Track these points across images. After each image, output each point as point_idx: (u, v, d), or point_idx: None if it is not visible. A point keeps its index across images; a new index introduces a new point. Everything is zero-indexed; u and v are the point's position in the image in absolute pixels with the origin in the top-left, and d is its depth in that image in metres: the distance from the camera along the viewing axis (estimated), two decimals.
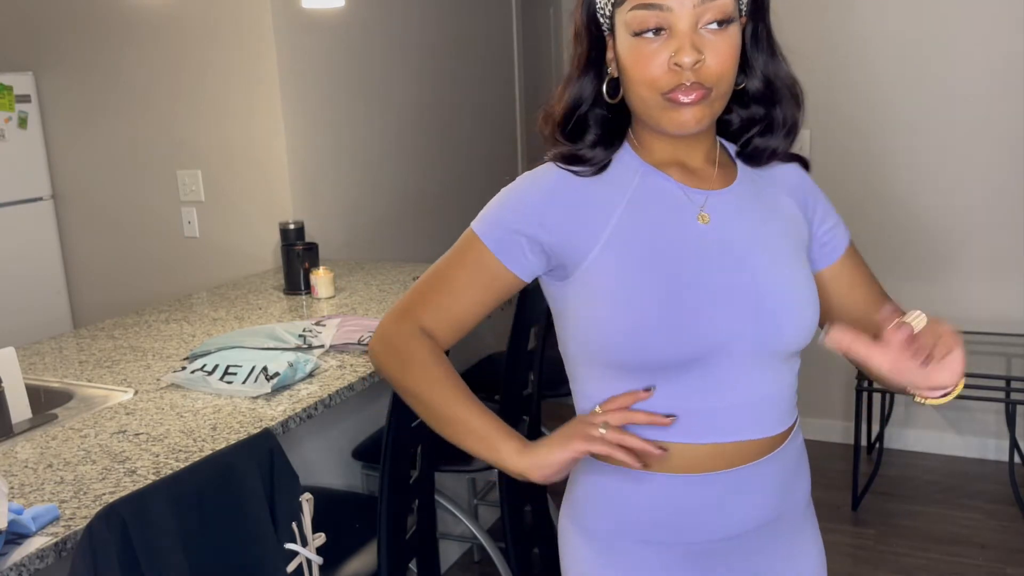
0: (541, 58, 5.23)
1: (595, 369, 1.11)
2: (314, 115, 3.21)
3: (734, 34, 1.01)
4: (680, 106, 1.00)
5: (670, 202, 1.08)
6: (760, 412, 1.10)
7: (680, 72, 0.99)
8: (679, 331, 1.03)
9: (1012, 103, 3.23)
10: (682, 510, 1.09)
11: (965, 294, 3.42)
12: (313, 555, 1.45)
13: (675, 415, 1.07)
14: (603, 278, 1.06)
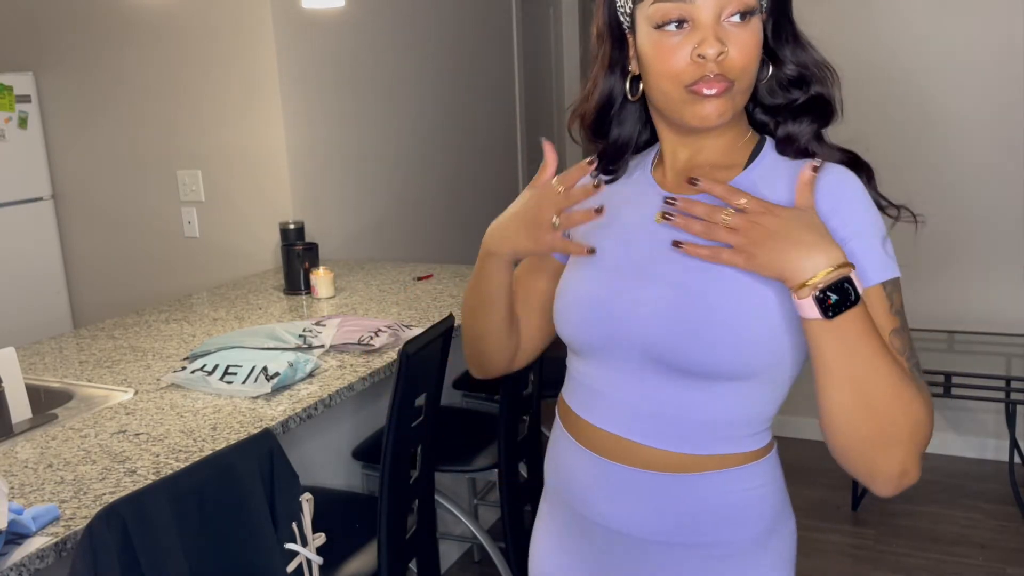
0: (541, 58, 5.23)
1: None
2: (314, 115, 3.21)
3: (756, 27, 1.00)
4: (703, 99, 0.99)
5: (642, 199, 1.10)
6: (661, 422, 1.04)
7: (704, 64, 0.97)
8: (590, 319, 1.07)
9: (1012, 104, 3.23)
10: (581, 482, 1.12)
11: (965, 294, 3.42)
12: (313, 555, 1.45)
13: (593, 248, 1.09)
14: (573, 259, 1.14)
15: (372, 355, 2.09)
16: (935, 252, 3.43)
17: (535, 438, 2.43)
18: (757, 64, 1.01)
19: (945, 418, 3.54)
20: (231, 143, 3.16)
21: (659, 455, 1.05)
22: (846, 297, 0.90)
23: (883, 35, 3.35)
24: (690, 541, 1.06)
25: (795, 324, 0.99)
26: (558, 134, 5.56)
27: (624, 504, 1.07)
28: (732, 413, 1.03)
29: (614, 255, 1.08)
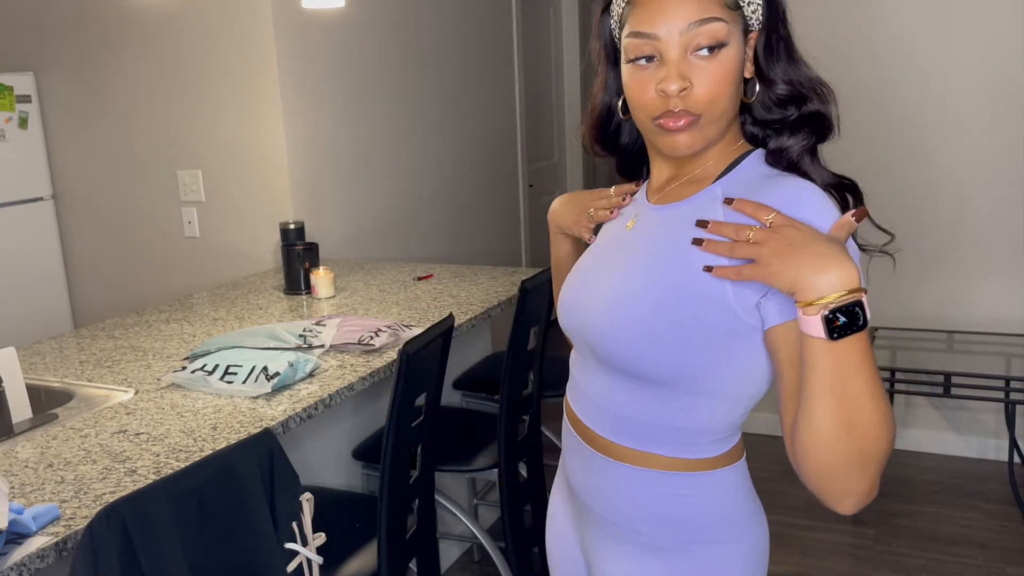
0: (541, 58, 5.23)
1: None
2: (314, 115, 3.21)
3: (727, 58, 1.00)
4: (669, 132, 1.03)
5: (629, 209, 1.19)
6: (595, 407, 1.14)
7: (667, 98, 1.01)
8: (563, 309, 1.19)
9: (1013, 104, 3.24)
10: (566, 449, 1.24)
11: (965, 294, 3.42)
12: (313, 555, 1.46)
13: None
14: None
15: (372, 355, 2.09)
16: (935, 252, 3.44)
17: (535, 438, 2.44)
18: (728, 94, 1.02)
19: (945, 418, 3.54)
20: (231, 143, 3.16)
21: (602, 439, 1.13)
22: (854, 321, 0.88)
23: (882, 34, 3.35)
24: (630, 527, 1.13)
25: (742, 344, 1.00)
26: (558, 134, 5.56)
27: (592, 483, 1.17)
28: (648, 407, 1.07)
29: (594, 253, 1.19)
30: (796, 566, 2.78)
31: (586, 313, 1.11)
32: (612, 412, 1.11)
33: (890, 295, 3.52)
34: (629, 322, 1.04)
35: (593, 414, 1.14)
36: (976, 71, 3.27)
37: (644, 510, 1.11)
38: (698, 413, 1.05)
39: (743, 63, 1.04)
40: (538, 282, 2.29)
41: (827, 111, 1.05)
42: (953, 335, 3.42)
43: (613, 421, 1.11)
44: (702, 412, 1.05)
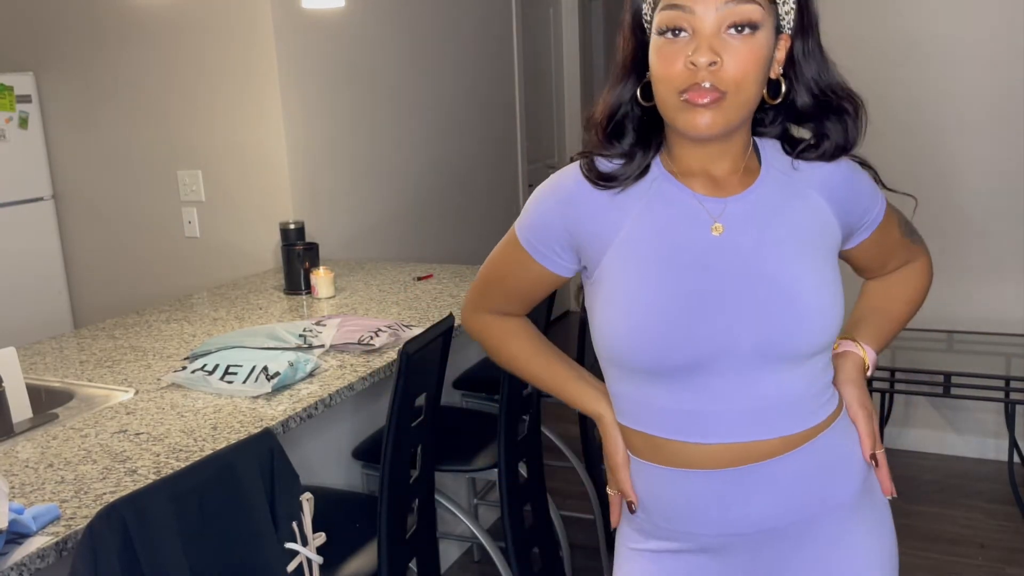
0: (541, 58, 5.23)
1: (611, 369, 1.16)
2: (314, 115, 3.22)
3: (759, 41, 1.02)
4: (694, 108, 1.01)
5: (683, 210, 1.10)
6: (767, 415, 1.09)
7: (696, 71, 1.00)
8: (676, 338, 1.07)
9: (1013, 103, 3.24)
10: (690, 502, 1.12)
11: (965, 294, 3.42)
12: (313, 555, 1.46)
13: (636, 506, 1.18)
14: (612, 282, 1.10)
15: (372, 355, 2.09)
16: (935, 252, 3.42)
17: (535, 438, 2.44)
18: (757, 79, 1.03)
19: (945, 418, 3.54)
20: (231, 143, 3.16)
21: (769, 445, 1.10)
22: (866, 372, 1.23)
23: (883, 34, 3.35)
24: (816, 509, 1.14)
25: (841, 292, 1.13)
26: (558, 134, 5.56)
27: (765, 496, 1.11)
28: (817, 384, 1.13)
29: (685, 272, 1.08)
30: None
31: (748, 326, 1.06)
32: (784, 407, 1.10)
33: None
34: (830, 301, 1.09)
35: (761, 423, 1.10)
36: (977, 71, 3.27)
37: (826, 476, 1.14)
38: (828, 364, 1.17)
39: (772, 55, 1.05)
40: None
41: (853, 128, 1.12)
42: (953, 335, 3.42)
43: (788, 413, 1.11)
44: (829, 362, 1.18)
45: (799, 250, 1.09)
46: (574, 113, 5.59)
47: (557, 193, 1.15)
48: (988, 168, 3.31)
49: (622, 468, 1.17)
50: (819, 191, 1.13)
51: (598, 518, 2.74)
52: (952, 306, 3.44)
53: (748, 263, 1.08)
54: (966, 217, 3.37)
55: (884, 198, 1.21)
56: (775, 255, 1.08)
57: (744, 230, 1.09)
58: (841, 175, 1.14)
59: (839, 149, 1.12)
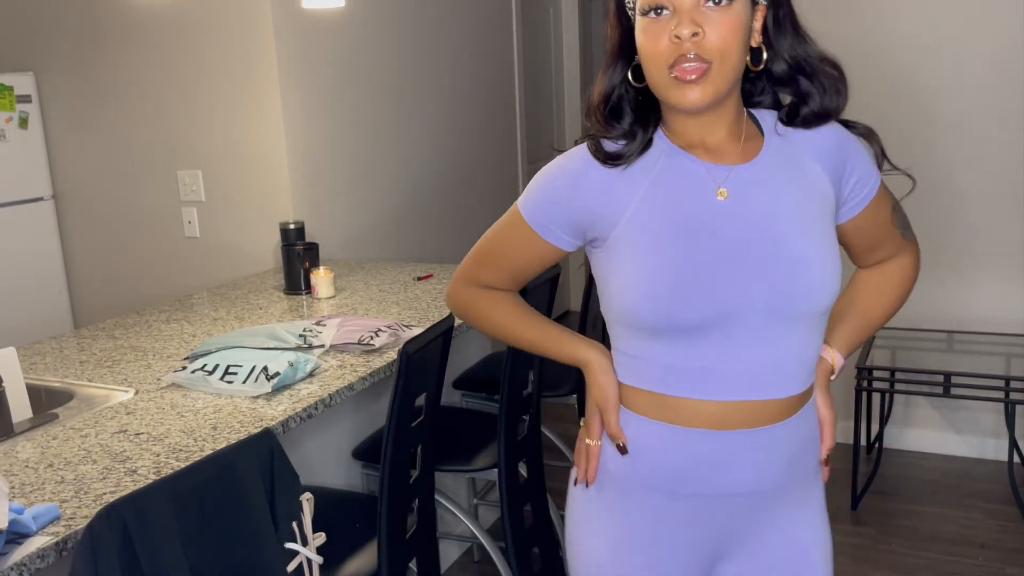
0: (541, 58, 5.23)
1: (624, 329, 1.21)
2: (314, 115, 3.22)
3: (736, 11, 1.09)
4: (684, 83, 1.09)
5: (691, 179, 1.16)
6: (777, 373, 1.16)
7: (680, 44, 1.07)
8: (693, 297, 1.12)
9: (1012, 102, 3.24)
10: (689, 462, 1.18)
11: (966, 294, 3.42)
12: (313, 555, 1.46)
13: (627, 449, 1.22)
14: (627, 250, 1.16)
15: (372, 355, 2.09)
16: (935, 252, 3.44)
17: (535, 438, 2.44)
18: (740, 49, 1.11)
19: (944, 418, 3.54)
20: (231, 143, 3.16)
21: (780, 405, 1.17)
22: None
23: (884, 34, 3.35)
24: (797, 475, 1.23)
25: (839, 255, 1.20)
26: (557, 133, 5.56)
27: (764, 462, 1.18)
28: (818, 343, 1.21)
29: (695, 237, 1.14)
30: None
31: (765, 286, 1.13)
32: (788, 366, 1.17)
33: None
34: (830, 261, 1.16)
35: (765, 382, 1.16)
36: (977, 72, 3.27)
37: (809, 444, 1.25)
38: (823, 330, 1.24)
39: (750, 24, 1.12)
40: (538, 282, 2.29)
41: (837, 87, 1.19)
42: (953, 335, 3.42)
43: (792, 374, 1.18)
44: (824, 327, 1.24)
45: (804, 216, 1.16)
46: (574, 112, 5.59)
47: (567, 174, 1.21)
48: (988, 168, 3.31)
49: (616, 411, 1.22)
50: (816, 159, 1.20)
51: None
52: (952, 306, 3.44)
53: (759, 228, 1.14)
54: (966, 217, 3.37)
55: (880, 179, 1.26)
56: (784, 221, 1.15)
57: (754, 197, 1.15)
58: (834, 141, 1.20)
59: (817, 115, 1.18)
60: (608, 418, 1.22)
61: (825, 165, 1.20)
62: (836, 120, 1.22)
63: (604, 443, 1.25)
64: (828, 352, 1.29)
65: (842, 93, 1.19)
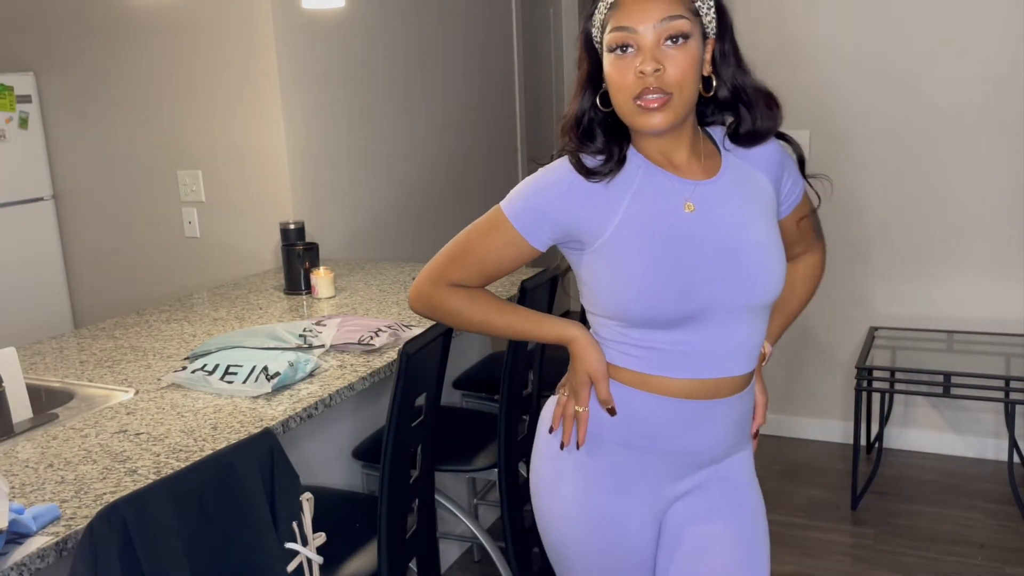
0: (541, 58, 5.23)
1: (609, 321, 1.38)
2: (314, 115, 3.22)
3: (692, 48, 1.26)
4: (648, 111, 1.26)
5: (665, 193, 1.34)
6: (737, 355, 1.37)
7: (644, 78, 1.24)
8: (674, 298, 1.31)
9: (1012, 104, 3.24)
10: (663, 425, 1.39)
11: (965, 294, 3.42)
12: (313, 554, 1.46)
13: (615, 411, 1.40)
14: (615, 256, 1.32)
15: (372, 355, 2.09)
16: (934, 252, 3.44)
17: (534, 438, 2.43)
18: (694, 79, 1.28)
19: (944, 418, 3.54)
20: (231, 143, 3.16)
21: (737, 381, 1.39)
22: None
23: (886, 36, 3.35)
24: (739, 438, 1.46)
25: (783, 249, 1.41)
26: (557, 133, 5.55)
27: (720, 427, 1.41)
28: (764, 329, 1.42)
29: (669, 245, 1.32)
30: (796, 566, 2.78)
31: (739, 283, 1.33)
32: (747, 349, 1.39)
33: (890, 295, 3.52)
34: (779, 264, 1.37)
35: (730, 362, 1.37)
36: (977, 72, 3.27)
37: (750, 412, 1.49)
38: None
39: (702, 56, 1.29)
40: (538, 282, 2.29)
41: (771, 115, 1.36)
42: (953, 335, 3.42)
43: (747, 355, 1.39)
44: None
45: (758, 224, 1.36)
46: None
47: (558, 184, 1.35)
48: (987, 167, 3.31)
49: (606, 380, 1.39)
50: (763, 171, 1.40)
51: None
52: (952, 306, 3.45)
53: (722, 237, 1.33)
54: (966, 217, 3.37)
55: (803, 187, 1.47)
56: (743, 229, 1.34)
57: (717, 210, 1.34)
58: (775, 155, 1.41)
59: (751, 135, 1.37)
60: (600, 386, 1.39)
61: (769, 175, 1.40)
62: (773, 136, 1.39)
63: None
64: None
65: (774, 118, 1.36)
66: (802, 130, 3.34)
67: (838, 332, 3.59)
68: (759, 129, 1.36)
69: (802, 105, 3.36)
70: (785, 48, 3.36)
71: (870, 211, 3.47)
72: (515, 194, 1.39)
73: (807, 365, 3.64)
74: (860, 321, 3.56)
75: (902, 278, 3.49)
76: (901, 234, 3.47)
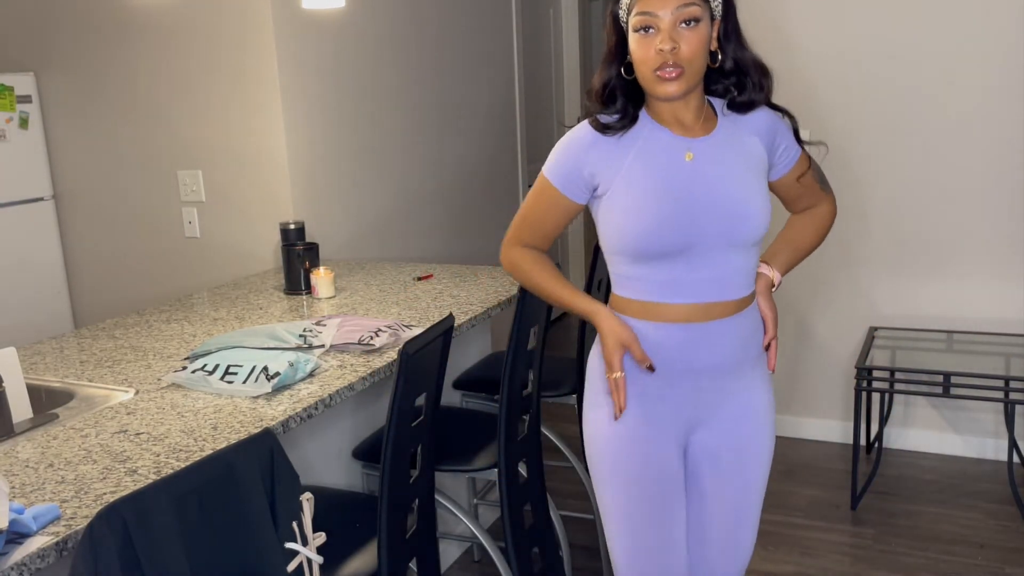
0: (541, 58, 5.23)
1: (619, 256, 1.65)
2: (314, 115, 3.22)
3: (702, 29, 1.52)
4: (665, 80, 1.53)
5: (666, 147, 1.61)
6: (725, 282, 1.62)
7: (663, 54, 1.51)
8: (670, 232, 1.57)
9: (1012, 103, 3.24)
10: (669, 348, 1.64)
11: (965, 294, 3.42)
12: (313, 554, 1.46)
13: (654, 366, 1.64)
14: (621, 199, 1.60)
15: (372, 355, 2.10)
16: (934, 252, 3.44)
17: (535, 438, 2.44)
18: (703, 55, 1.54)
19: (944, 418, 3.54)
20: (231, 143, 3.16)
21: (730, 305, 1.63)
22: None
23: (887, 35, 3.35)
24: (746, 356, 1.68)
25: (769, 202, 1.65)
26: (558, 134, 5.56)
27: (718, 346, 1.64)
28: (754, 262, 1.67)
29: (670, 187, 1.58)
30: (796, 565, 2.78)
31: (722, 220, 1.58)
32: (734, 278, 1.63)
33: (890, 295, 3.52)
34: (762, 206, 1.61)
35: (718, 289, 1.62)
36: (978, 72, 3.27)
37: (754, 334, 1.70)
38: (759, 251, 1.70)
39: (711, 35, 1.56)
40: None
41: (764, 83, 1.63)
42: (953, 335, 3.42)
43: (736, 282, 1.63)
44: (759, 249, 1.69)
45: (746, 175, 1.62)
46: (573, 113, 5.59)
47: (578, 142, 1.63)
48: (988, 168, 3.32)
49: (638, 342, 1.62)
50: (755, 134, 1.65)
51: (598, 518, 2.75)
52: (952, 306, 3.45)
53: (713, 183, 1.59)
54: (966, 218, 3.37)
55: (800, 149, 1.72)
56: (730, 178, 1.60)
57: (711, 161, 1.60)
58: (768, 122, 1.67)
59: (746, 103, 1.63)
60: (634, 349, 1.61)
61: (762, 138, 1.66)
62: (767, 106, 1.65)
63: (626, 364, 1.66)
64: (770, 271, 1.74)
65: (764, 89, 1.62)
66: (802, 131, 3.34)
67: (838, 332, 3.60)
68: (753, 98, 1.62)
69: (802, 106, 3.36)
70: (785, 49, 3.36)
71: (870, 211, 3.47)
72: (550, 157, 1.67)
73: (807, 365, 3.64)
74: (860, 321, 3.57)
75: (902, 278, 3.49)
76: (901, 234, 3.47)
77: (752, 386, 1.71)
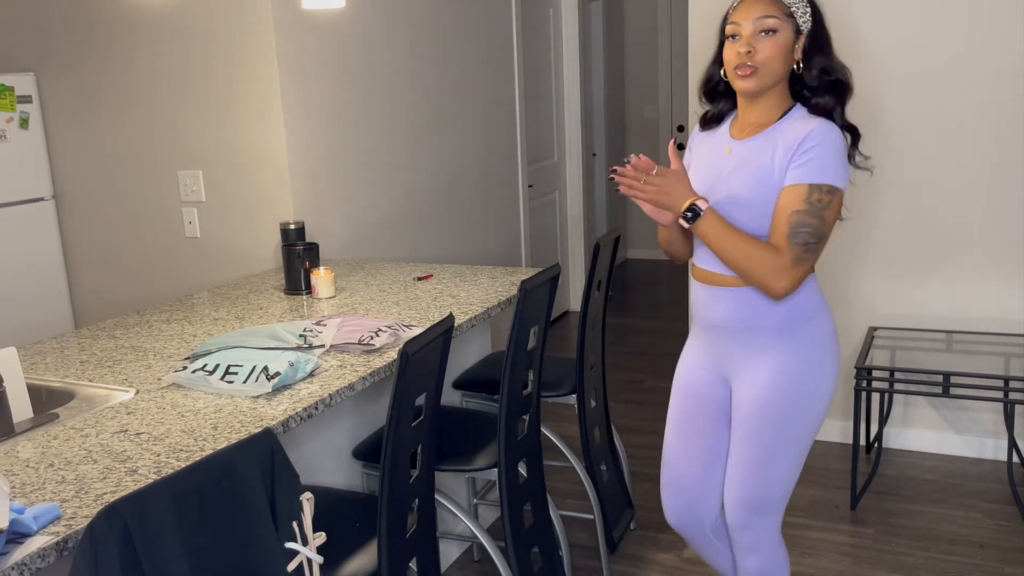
0: (541, 58, 5.23)
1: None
2: (314, 115, 3.22)
3: (778, 40, 1.82)
4: (743, 77, 1.84)
5: (719, 141, 1.97)
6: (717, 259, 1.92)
7: (741, 56, 1.83)
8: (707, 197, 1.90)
9: (1012, 103, 3.24)
10: (695, 301, 2.03)
11: (965, 294, 3.42)
12: (313, 554, 1.46)
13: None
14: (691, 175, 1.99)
15: (372, 355, 2.10)
16: (934, 252, 3.44)
17: (535, 438, 2.44)
18: (779, 61, 1.83)
19: (944, 418, 3.54)
20: (232, 143, 3.16)
21: (727, 278, 1.92)
22: (696, 215, 1.85)
23: (887, 35, 3.36)
24: (748, 325, 1.93)
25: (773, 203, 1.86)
26: (557, 134, 5.56)
27: (720, 310, 1.95)
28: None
29: (706, 175, 1.94)
30: (796, 565, 2.79)
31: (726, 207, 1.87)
32: None
33: (890, 295, 3.52)
34: (744, 212, 1.86)
35: (721, 263, 1.90)
36: (978, 72, 3.27)
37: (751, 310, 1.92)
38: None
39: (790, 48, 1.84)
40: (538, 282, 2.29)
41: (847, 83, 1.91)
42: (952, 335, 3.43)
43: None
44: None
45: (749, 181, 1.86)
46: (574, 113, 5.59)
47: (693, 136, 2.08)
48: (988, 168, 3.32)
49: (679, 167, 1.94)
50: (785, 144, 1.83)
51: (598, 518, 2.75)
52: (952, 306, 3.45)
53: (727, 181, 1.89)
54: (966, 217, 3.37)
55: (806, 184, 1.81)
56: (737, 182, 1.88)
57: (737, 161, 1.89)
58: (800, 135, 1.83)
59: (819, 109, 1.88)
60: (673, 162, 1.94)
61: (787, 150, 1.83)
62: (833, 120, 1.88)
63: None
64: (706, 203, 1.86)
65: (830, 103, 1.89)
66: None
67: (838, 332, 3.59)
68: (826, 107, 1.88)
69: None
70: None
71: (870, 211, 3.48)
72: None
73: None
74: (860, 321, 3.57)
75: (902, 278, 3.49)
76: (901, 234, 3.47)
77: (772, 356, 1.93)
